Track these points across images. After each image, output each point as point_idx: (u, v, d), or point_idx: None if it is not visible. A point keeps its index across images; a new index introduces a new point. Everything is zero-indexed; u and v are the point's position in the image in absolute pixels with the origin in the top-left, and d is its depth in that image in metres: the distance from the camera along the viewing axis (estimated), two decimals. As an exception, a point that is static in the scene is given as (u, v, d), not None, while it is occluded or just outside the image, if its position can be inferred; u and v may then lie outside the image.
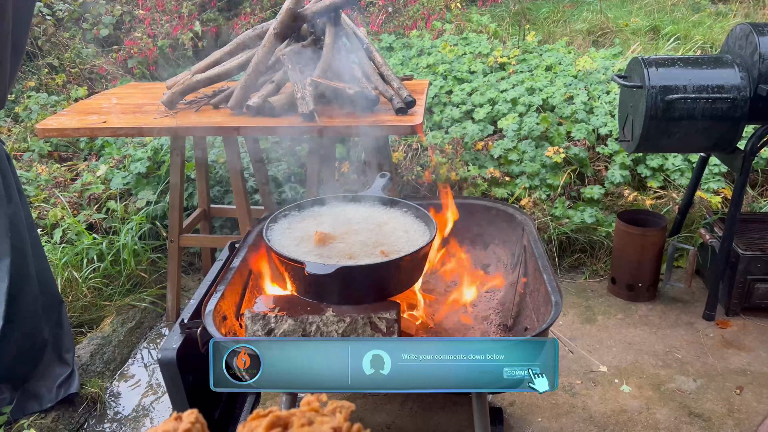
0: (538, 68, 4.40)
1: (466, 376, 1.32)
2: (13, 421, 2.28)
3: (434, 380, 1.32)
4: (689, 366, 2.63)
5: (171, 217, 2.93)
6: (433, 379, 1.32)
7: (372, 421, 2.35)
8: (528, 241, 1.79)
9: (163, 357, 1.44)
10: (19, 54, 2.20)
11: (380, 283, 1.51)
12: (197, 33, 5.22)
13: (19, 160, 4.04)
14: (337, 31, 2.73)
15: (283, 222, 1.75)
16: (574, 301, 3.11)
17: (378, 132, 2.43)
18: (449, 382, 1.32)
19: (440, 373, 1.31)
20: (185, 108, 2.71)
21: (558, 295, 1.44)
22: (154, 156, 3.76)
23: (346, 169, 3.63)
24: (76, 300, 2.99)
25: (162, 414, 2.49)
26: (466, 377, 1.32)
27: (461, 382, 1.32)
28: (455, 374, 1.31)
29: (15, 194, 2.28)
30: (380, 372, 1.29)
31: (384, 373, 1.30)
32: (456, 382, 1.32)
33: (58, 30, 5.19)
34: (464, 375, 1.31)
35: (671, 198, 3.51)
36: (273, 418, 0.62)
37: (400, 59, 4.71)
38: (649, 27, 5.46)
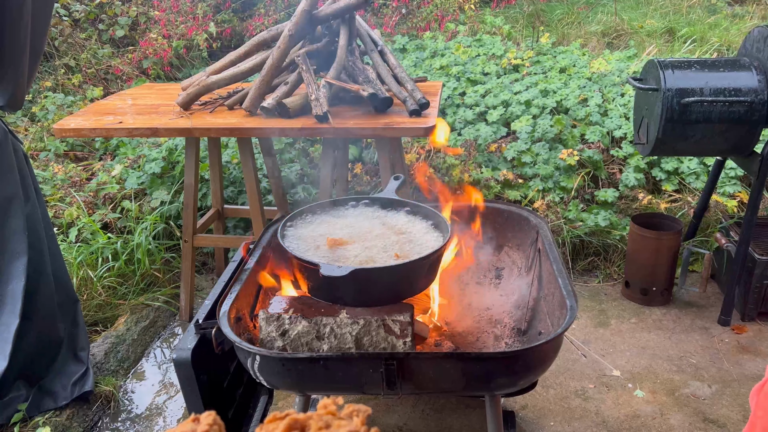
0: (552, 70, 4.38)
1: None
2: (29, 418, 2.30)
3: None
4: (704, 371, 2.61)
5: (185, 217, 2.94)
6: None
7: (384, 422, 2.35)
8: (542, 244, 1.78)
9: (178, 357, 1.45)
10: (36, 57, 2.22)
11: (394, 286, 1.51)
12: (212, 34, 5.24)
13: (35, 159, 4.08)
14: (351, 32, 2.73)
15: (298, 223, 1.76)
16: (587, 304, 3.09)
17: (391, 134, 2.43)
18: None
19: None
20: (200, 109, 2.73)
21: (573, 299, 1.43)
22: (169, 156, 3.78)
23: (359, 170, 3.64)
24: (90, 299, 3.02)
25: (175, 413, 2.51)
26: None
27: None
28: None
29: (32, 193, 2.31)
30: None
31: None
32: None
33: (74, 30, 5.25)
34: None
35: (686, 201, 3.48)
36: (290, 421, 0.62)
37: (414, 61, 4.71)
38: (664, 29, 5.41)
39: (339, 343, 1.46)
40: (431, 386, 1.42)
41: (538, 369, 1.40)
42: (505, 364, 1.35)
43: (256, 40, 2.74)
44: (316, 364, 1.36)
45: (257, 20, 5.32)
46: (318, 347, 1.47)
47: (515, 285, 1.95)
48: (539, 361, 1.38)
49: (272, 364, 1.39)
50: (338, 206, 1.84)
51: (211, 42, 5.27)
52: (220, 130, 2.53)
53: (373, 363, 1.34)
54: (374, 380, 1.35)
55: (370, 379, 1.35)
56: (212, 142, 3.18)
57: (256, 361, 1.40)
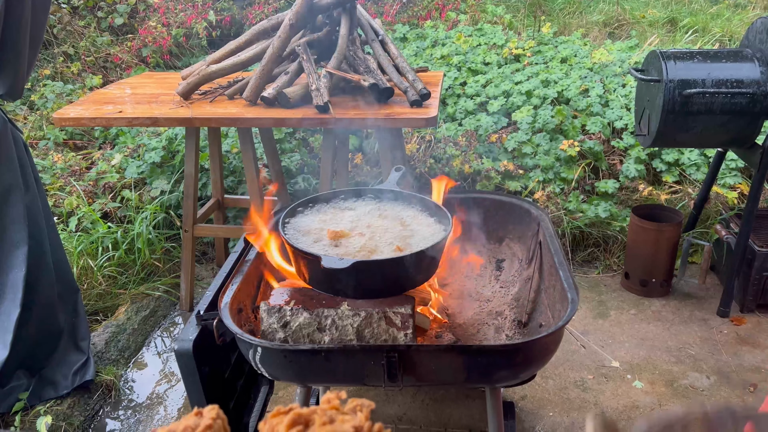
0: (553, 60, 4.36)
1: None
2: (30, 407, 2.31)
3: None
4: (702, 363, 2.62)
5: (185, 207, 2.94)
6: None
7: (384, 412, 2.36)
8: (544, 236, 1.78)
9: (180, 348, 1.45)
10: (35, 46, 2.21)
11: (395, 278, 1.51)
12: (211, 22, 5.21)
13: (35, 148, 4.07)
14: (353, 22, 2.71)
15: (298, 215, 1.76)
16: (586, 295, 3.10)
17: (392, 125, 2.42)
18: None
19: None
20: (200, 98, 2.72)
21: (574, 292, 1.43)
22: (169, 145, 3.77)
23: (359, 160, 3.63)
24: (91, 288, 3.02)
25: (175, 402, 2.52)
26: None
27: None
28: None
29: (32, 183, 2.30)
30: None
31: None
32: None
33: (73, 18, 5.21)
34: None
35: (686, 193, 3.48)
36: (294, 416, 0.62)
37: (414, 50, 4.68)
38: (666, 19, 5.39)
39: (340, 335, 1.46)
40: (432, 378, 1.43)
41: (539, 362, 1.40)
42: (507, 357, 1.35)
43: (256, 29, 2.73)
44: (318, 356, 1.36)
45: (257, 8, 5.29)
46: (319, 339, 1.47)
47: (516, 277, 1.95)
48: (540, 353, 1.38)
49: (274, 355, 1.39)
50: (339, 198, 1.84)
51: (211, 30, 5.24)
52: (221, 120, 2.52)
53: (374, 355, 1.34)
54: (376, 372, 1.35)
55: (372, 371, 1.36)
56: (212, 132, 3.17)
57: (257, 352, 1.40)
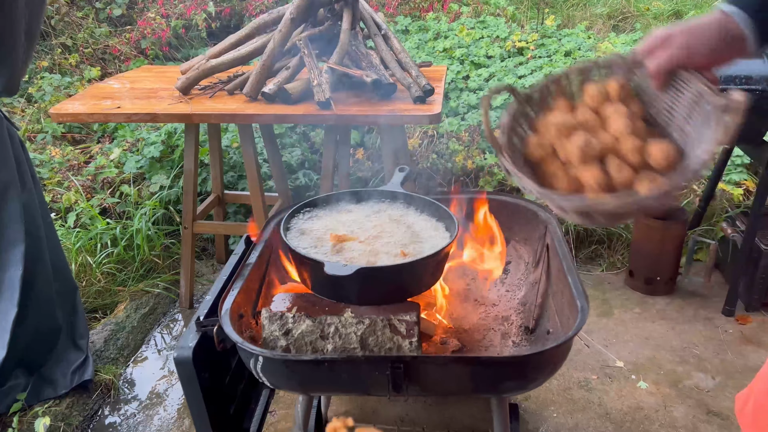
0: (557, 53, 4.31)
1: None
2: (28, 407, 2.28)
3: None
4: (707, 363, 2.59)
5: (185, 204, 2.90)
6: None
7: (386, 413, 2.34)
8: (551, 240, 1.74)
9: (179, 356, 1.42)
10: (32, 40, 2.16)
11: (400, 285, 1.48)
12: (211, 14, 5.15)
13: (32, 141, 4.02)
14: (355, 16, 2.66)
15: (300, 217, 1.72)
16: (590, 293, 3.07)
17: (395, 122, 2.38)
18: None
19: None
20: (200, 94, 2.67)
21: (584, 299, 1.39)
22: (168, 140, 3.73)
23: (360, 155, 3.59)
24: (89, 285, 2.99)
25: (176, 400, 2.49)
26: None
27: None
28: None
29: (29, 180, 2.26)
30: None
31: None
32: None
33: (71, 9, 5.14)
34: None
35: (692, 190, 3.44)
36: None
37: (416, 43, 4.63)
38: (671, 11, 5.33)
39: (344, 343, 1.43)
40: (438, 389, 1.40)
41: (548, 372, 1.37)
42: (515, 369, 1.32)
43: (256, 23, 2.68)
44: (321, 366, 1.33)
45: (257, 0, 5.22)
46: (322, 347, 1.44)
47: (522, 280, 1.91)
48: (549, 364, 1.35)
49: (276, 365, 1.36)
50: (342, 200, 1.80)
51: (210, 22, 5.18)
52: (221, 116, 2.48)
53: (379, 365, 1.31)
54: (380, 382, 1.32)
55: (376, 381, 1.33)
56: (212, 128, 3.13)
57: (259, 362, 1.37)
